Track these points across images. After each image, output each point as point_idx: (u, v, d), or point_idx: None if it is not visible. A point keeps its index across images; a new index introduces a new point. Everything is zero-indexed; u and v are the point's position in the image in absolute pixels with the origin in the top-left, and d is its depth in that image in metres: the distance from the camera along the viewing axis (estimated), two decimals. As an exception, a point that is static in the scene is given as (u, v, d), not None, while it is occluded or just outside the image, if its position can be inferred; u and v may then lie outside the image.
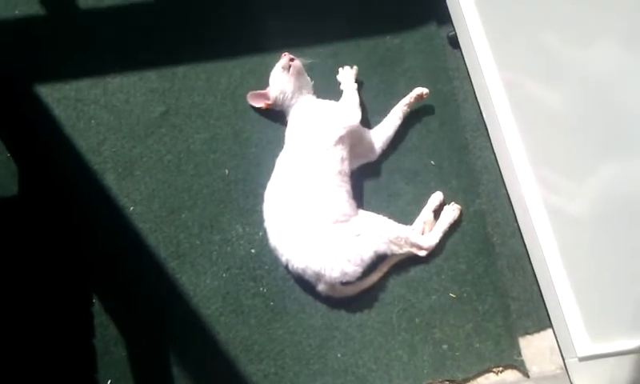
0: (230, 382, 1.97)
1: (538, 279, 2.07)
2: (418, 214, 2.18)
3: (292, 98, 2.23)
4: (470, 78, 2.39)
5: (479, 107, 2.33)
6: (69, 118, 2.30)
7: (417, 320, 2.05)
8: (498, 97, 2.16)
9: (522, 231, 2.14)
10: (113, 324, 2.03)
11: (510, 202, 2.20)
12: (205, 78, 2.36)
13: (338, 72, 2.40)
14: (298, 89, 2.24)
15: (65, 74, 2.37)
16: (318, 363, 1.99)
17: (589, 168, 1.72)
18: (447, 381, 1.98)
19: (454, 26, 2.44)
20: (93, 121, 2.30)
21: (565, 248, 1.91)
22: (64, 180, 2.21)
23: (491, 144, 2.28)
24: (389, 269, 2.09)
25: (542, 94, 1.90)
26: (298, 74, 2.24)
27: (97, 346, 2.00)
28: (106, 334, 2.01)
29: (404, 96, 2.33)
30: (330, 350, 2.01)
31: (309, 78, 2.30)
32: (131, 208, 2.17)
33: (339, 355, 2.00)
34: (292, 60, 2.24)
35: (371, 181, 2.24)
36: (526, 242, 2.13)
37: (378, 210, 2.17)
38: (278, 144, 2.23)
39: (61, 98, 2.33)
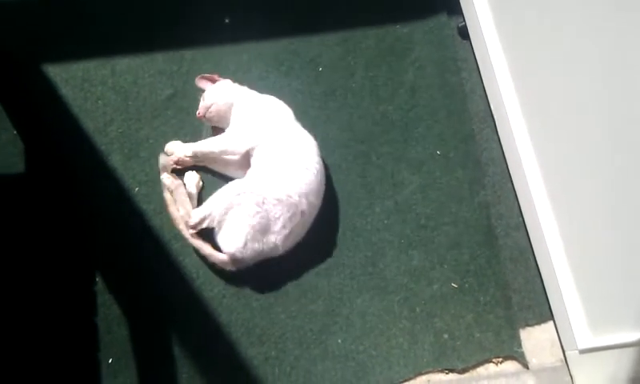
0: (231, 364, 1.97)
1: (541, 271, 2.07)
2: (422, 204, 2.19)
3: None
4: (478, 69, 2.39)
5: (487, 99, 2.33)
6: (76, 98, 2.31)
7: (418, 309, 2.06)
8: (507, 89, 2.16)
9: (527, 224, 2.14)
10: (116, 304, 2.03)
11: (515, 195, 2.20)
12: (212, 62, 2.36)
13: (345, 60, 2.41)
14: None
15: (73, 55, 2.37)
16: (319, 348, 2.00)
17: (596, 163, 1.72)
18: (447, 370, 1.99)
19: (464, 17, 2.44)
20: (100, 101, 2.31)
21: (569, 241, 1.92)
22: (70, 159, 2.22)
23: (498, 136, 2.28)
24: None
25: (553, 88, 1.90)
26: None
27: (99, 324, 2.00)
28: (109, 314, 2.02)
29: (412, 85, 2.35)
30: (331, 336, 2.01)
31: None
32: (136, 189, 2.17)
33: (340, 341, 2.01)
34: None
35: (376, 169, 2.24)
36: (530, 234, 2.13)
37: (382, 199, 2.19)
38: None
39: (68, 77, 2.33)
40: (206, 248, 2.04)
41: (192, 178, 2.17)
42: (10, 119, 2.25)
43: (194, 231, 2.05)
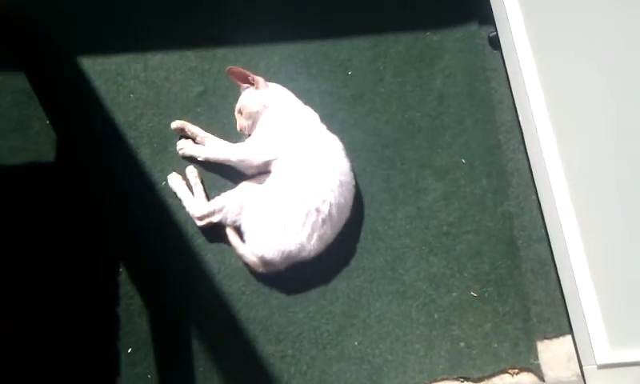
0: (248, 360, 2.00)
1: (562, 284, 2.06)
2: (445, 211, 2.19)
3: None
4: (508, 80, 2.38)
5: (515, 110, 2.32)
6: (109, 91, 2.35)
7: (436, 315, 2.07)
8: (537, 101, 2.15)
9: (550, 236, 2.13)
10: (138, 295, 2.07)
11: (539, 207, 2.19)
12: (244, 61, 2.38)
13: (375, 65, 2.42)
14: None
15: (107, 48, 2.42)
16: (335, 349, 2.01)
17: (626, 180, 1.71)
18: (462, 378, 1.99)
19: (495, 27, 2.43)
20: (132, 95, 2.35)
21: (593, 255, 1.91)
22: (100, 151, 2.26)
23: (525, 148, 2.27)
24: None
25: (585, 103, 1.89)
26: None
27: (120, 314, 2.04)
28: (131, 304, 2.05)
29: (440, 93, 2.36)
30: (348, 338, 2.03)
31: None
32: (163, 183, 2.21)
33: (356, 343, 2.02)
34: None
35: (400, 174, 2.25)
36: (552, 247, 2.11)
37: (405, 204, 2.20)
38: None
39: (102, 70, 2.38)
40: (241, 247, 2.07)
41: (193, 173, 2.22)
42: (44, 109, 2.30)
43: (202, 223, 2.10)
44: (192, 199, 2.15)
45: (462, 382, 1.99)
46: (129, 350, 2.00)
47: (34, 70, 2.37)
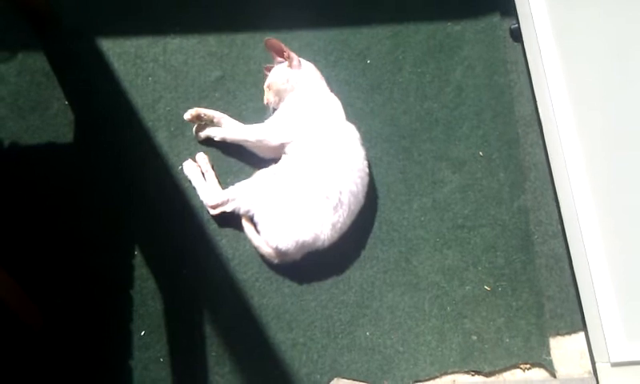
0: (260, 347, 2.01)
1: (577, 280, 2.04)
2: (460, 204, 2.19)
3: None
4: (528, 72, 2.36)
5: (535, 103, 2.30)
6: (128, 74, 2.35)
7: (449, 308, 2.06)
8: (559, 96, 2.12)
9: (567, 231, 2.10)
10: (152, 278, 2.08)
11: (556, 202, 2.17)
12: (262, 48, 2.36)
13: (394, 54, 2.41)
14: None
15: (127, 31, 2.42)
16: (347, 338, 2.02)
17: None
18: (473, 371, 1.99)
19: (517, 19, 2.41)
20: (150, 78, 2.35)
21: (611, 252, 1.89)
22: (117, 133, 2.27)
23: (544, 142, 2.25)
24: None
25: (611, 99, 1.86)
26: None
27: (134, 297, 2.05)
28: (145, 287, 2.07)
29: (459, 84, 2.35)
30: (360, 328, 2.03)
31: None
32: (179, 167, 2.21)
33: (368, 333, 2.03)
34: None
35: (417, 165, 2.24)
36: (569, 243, 2.09)
37: (420, 196, 2.20)
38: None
39: (122, 53, 2.39)
40: (256, 239, 2.07)
41: (204, 159, 2.22)
42: (62, 90, 2.31)
43: (215, 211, 2.11)
44: (206, 187, 2.15)
45: (472, 375, 1.99)
46: (142, 333, 2.01)
47: (53, 50, 2.39)
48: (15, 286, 1.87)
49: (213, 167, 2.20)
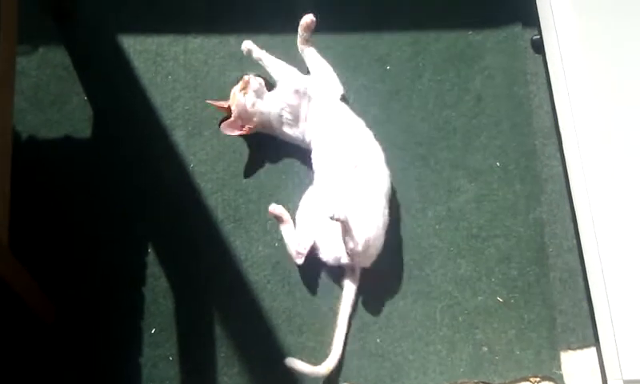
0: (269, 349, 2.01)
1: (592, 295, 2.01)
2: (476, 213, 2.18)
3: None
4: (548, 84, 2.33)
5: (554, 116, 2.28)
6: (147, 71, 2.36)
7: (460, 318, 2.05)
8: (581, 110, 2.10)
9: (583, 245, 2.08)
10: (164, 276, 2.09)
11: (573, 216, 2.15)
12: (282, 50, 2.36)
13: (414, 61, 2.41)
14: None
15: (149, 28, 2.43)
16: (357, 344, 2.01)
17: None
18: (482, 382, 1.97)
19: (540, 30, 2.39)
20: (170, 77, 2.36)
21: (628, 268, 1.87)
22: (135, 130, 2.28)
23: (562, 155, 2.23)
24: None
25: (637, 119, 1.85)
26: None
27: (146, 294, 2.06)
28: (157, 285, 2.07)
29: (478, 93, 2.35)
30: (370, 334, 2.03)
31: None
32: (195, 166, 2.22)
33: (378, 340, 2.02)
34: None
35: (433, 173, 2.23)
36: (585, 256, 2.06)
37: (435, 204, 2.19)
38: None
39: (142, 50, 2.39)
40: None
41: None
42: (82, 85, 2.32)
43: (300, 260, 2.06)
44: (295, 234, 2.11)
45: (482, 386, 1.99)
46: (152, 331, 2.02)
47: (75, 45, 2.40)
48: (32, 281, 1.87)
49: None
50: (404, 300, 2.07)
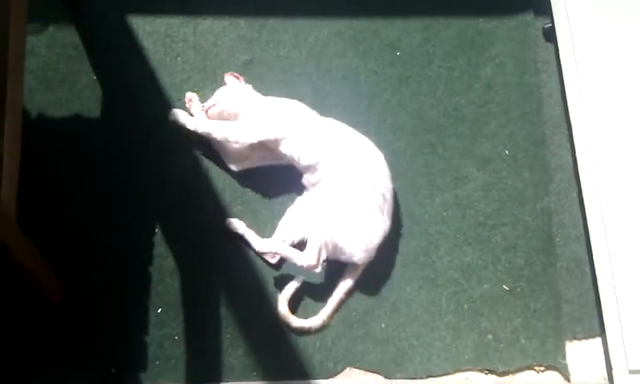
0: (274, 331, 2.01)
1: (599, 285, 2.01)
2: (483, 201, 2.18)
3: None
4: (559, 73, 2.33)
5: (565, 105, 2.27)
6: (157, 52, 2.36)
7: (465, 306, 2.05)
8: (592, 99, 2.10)
9: (591, 235, 2.08)
10: (171, 256, 2.08)
11: (581, 206, 2.14)
12: (292, 33, 2.37)
13: (424, 47, 2.40)
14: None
15: (158, 9, 2.42)
16: (362, 329, 2.01)
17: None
18: (487, 370, 1.98)
19: (552, 18, 2.38)
20: (179, 58, 2.35)
21: (636, 258, 1.88)
22: (144, 110, 2.28)
23: (571, 144, 2.23)
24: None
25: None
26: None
27: (153, 273, 2.06)
28: (163, 265, 2.07)
29: (488, 81, 2.34)
30: (375, 319, 2.03)
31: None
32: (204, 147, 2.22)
33: (383, 325, 2.02)
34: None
35: (441, 160, 2.23)
36: (593, 246, 2.06)
37: (443, 191, 2.19)
38: (356, 107, 2.28)
39: (152, 31, 2.39)
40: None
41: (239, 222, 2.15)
42: (91, 64, 2.32)
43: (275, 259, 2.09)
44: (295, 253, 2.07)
45: (486, 374, 1.98)
46: (159, 310, 2.02)
47: (84, 24, 2.39)
48: (40, 257, 1.88)
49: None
50: (410, 286, 2.07)
